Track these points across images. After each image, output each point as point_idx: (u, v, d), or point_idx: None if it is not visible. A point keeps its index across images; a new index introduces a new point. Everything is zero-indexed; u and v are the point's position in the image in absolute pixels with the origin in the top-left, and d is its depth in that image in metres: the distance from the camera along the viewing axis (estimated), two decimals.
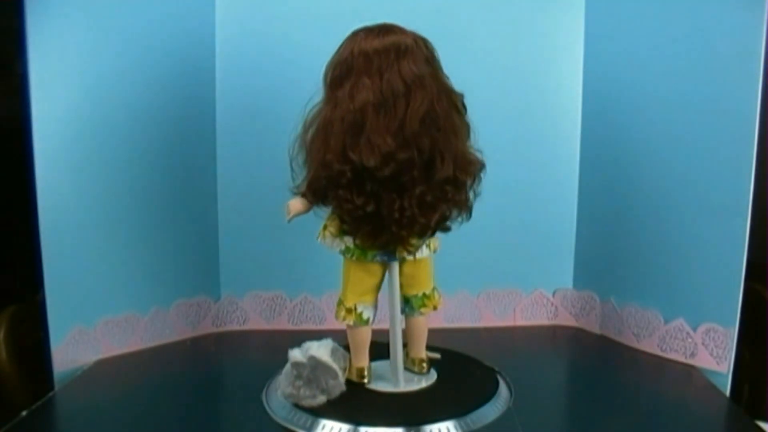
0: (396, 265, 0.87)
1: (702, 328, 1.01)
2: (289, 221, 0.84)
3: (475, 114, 1.14)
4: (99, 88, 1.02)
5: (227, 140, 1.16)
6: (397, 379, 0.89)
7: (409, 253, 0.84)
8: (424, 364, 0.92)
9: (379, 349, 0.91)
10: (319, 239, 0.87)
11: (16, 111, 0.98)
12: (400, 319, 0.89)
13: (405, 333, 0.92)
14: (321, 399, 0.86)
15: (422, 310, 0.90)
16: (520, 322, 1.23)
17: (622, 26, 1.10)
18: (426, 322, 0.92)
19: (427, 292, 0.90)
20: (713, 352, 0.99)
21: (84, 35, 1.00)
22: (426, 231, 0.81)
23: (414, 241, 0.83)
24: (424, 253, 0.86)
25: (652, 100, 1.06)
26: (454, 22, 1.12)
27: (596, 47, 1.15)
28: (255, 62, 1.15)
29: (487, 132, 1.16)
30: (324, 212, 0.85)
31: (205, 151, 1.15)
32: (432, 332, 0.92)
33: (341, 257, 0.88)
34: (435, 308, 0.91)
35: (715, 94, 0.97)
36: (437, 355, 0.94)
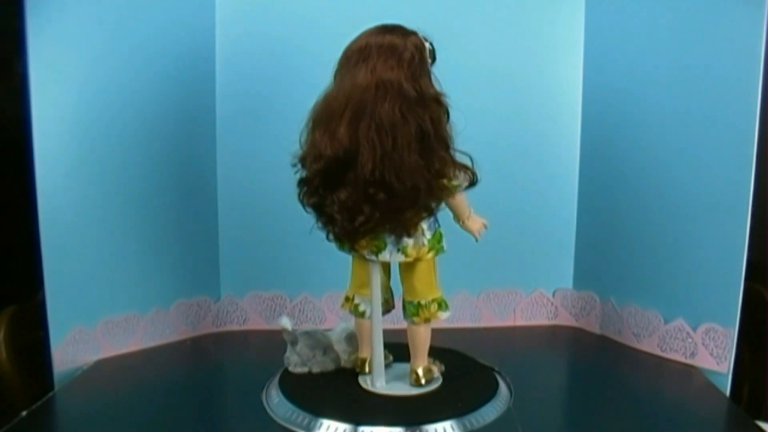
0: (376, 265, 0.86)
1: (702, 328, 1.01)
2: None
3: (475, 114, 1.14)
4: (99, 88, 1.02)
5: (227, 141, 1.16)
6: (374, 378, 0.89)
7: (356, 251, 0.84)
8: (419, 378, 0.88)
9: (397, 350, 0.92)
10: None
11: (16, 111, 0.97)
12: (380, 318, 0.88)
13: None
14: (302, 368, 0.93)
15: (414, 319, 0.87)
16: (520, 322, 1.23)
17: (621, 27, 1.10)
18: (421, 332, 0.88)
19: (423, 301, 0.87)
20: (713, 352, 0.99)
21: (84, 35, 1.00)
22: (349, 234, 0.81)
23: (363, 242, 0.82)
24: (394, 258, 0.84)
25: (652, 101, 1.06)
26: (454, 22, 1.12)
27: (596, 48, 1.15)
28: (255, 63, 1.15)
29: (487, 132, 1.17)
30: None
31: (206, 151, 1.15)
32: (432, 332, 0.91)
33: (341, 258, 0.88)
34: (427, 320, 0.87)
35: (715, 95, 0.97)
36: (436, 374, 0.91)
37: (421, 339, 0.88)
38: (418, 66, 0.79)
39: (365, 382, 0.90)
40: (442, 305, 0.88)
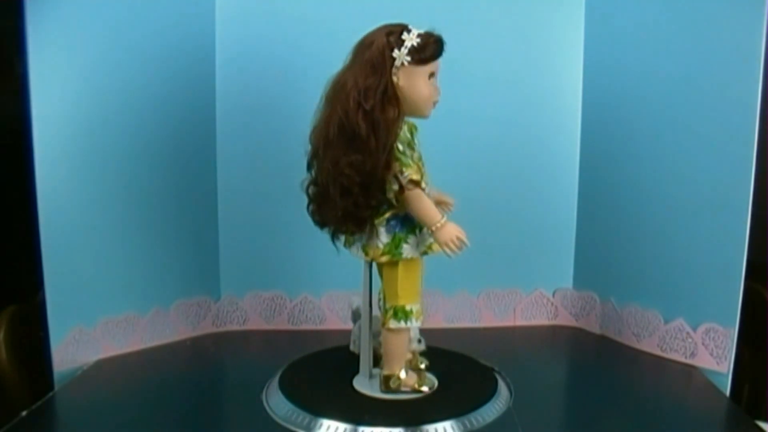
0: (365, 262, 0.87)
1: (702, 328, 1.01)
2: None
3: (474, 114, 1.15)
4: (99, 87, 1.02)
5: (227, 140, 1.16)
6: (361, 377, 0.91)
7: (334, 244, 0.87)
8: (383, 384, 0.87)
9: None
10: None
11: (16, 111, 0.97)
12: (367, 316, 0.89)
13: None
14: (354, 347, 0.97)
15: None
16: (520, 322, 1.23)
17: (621, 28, 1.10)
18: (386, 337, 0.86)
19: (387, 306, 0.85)
20: (713, 352, 0.99)
21: (84, 35, 1.00)
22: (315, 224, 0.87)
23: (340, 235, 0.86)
24: (358, 254, 0.85)
25: (652, 101, 1.06)
26: (453, 21, 1.11)
27: (596, 49, 1.15)
28: (255, 62, 1.15)
29: (487, 132, 1.17)
30: None
31: (205, 151, 1.15)
32: (432, 332, 0.91)
33: (341, 258, 0.88)
34: (383, 325, 0.86)
35: (715, 94, 0.97)
36: (408, 387, 0.88)
37: (387, 344, 0.87)
38: (369, 67, 0.78)
39: (357, 383, 0.90)
40: (398, 314, 0.84)
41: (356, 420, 0.80)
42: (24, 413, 0.85)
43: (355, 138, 0.77)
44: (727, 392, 0.96)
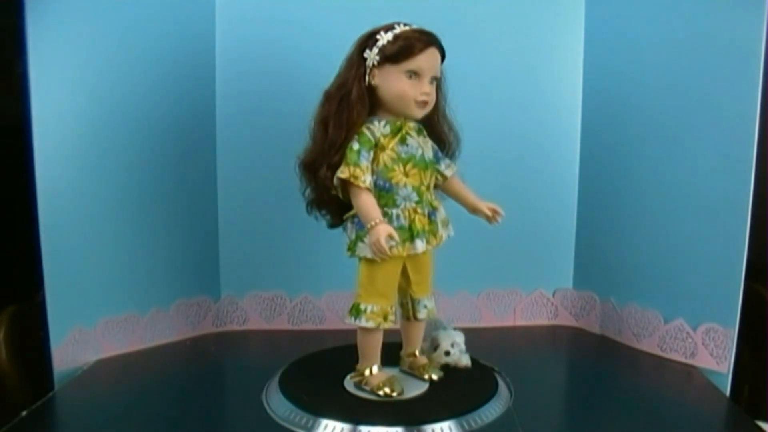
0: None
1: (702, 328, 1.01)
2: None
3: (474, 113, 1.15)
4: (99, 87, 1.02)
5: (227, 140, 1.16)
6: None
7: None
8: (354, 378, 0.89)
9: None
10: None
11: (16, 111, 0.97)
12: None
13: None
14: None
15: None
16: (520, 322, 1.23)
17: (622, 26, 1.10)
18: (358, 334, 0.86)
19: None
20: (713, 352, 0.99)
21: (84, 35, 1.00)
22: None
23: None
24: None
25: (653, 101, 1.06)
26: (453, 20, 1.12)
27: (596, 47, 1.15)
28: (256, 62, 1.15)
29: (486, 131, 1.17)
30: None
31: (205, 151, 1.15)
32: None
33: (341, 258, 0.88)
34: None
35: (715, 95, 0.97)
36: (370, 387, 0.87)
37: (358, 340, 0.87)
38: (343, 69, 0.82)
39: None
40: (352, 310, 0.85)
41: (356, 420, 0.80)
42: (24, 413, 0.85)
43: (314, 138, 0.83)
44: (727, 392, 0.96)
